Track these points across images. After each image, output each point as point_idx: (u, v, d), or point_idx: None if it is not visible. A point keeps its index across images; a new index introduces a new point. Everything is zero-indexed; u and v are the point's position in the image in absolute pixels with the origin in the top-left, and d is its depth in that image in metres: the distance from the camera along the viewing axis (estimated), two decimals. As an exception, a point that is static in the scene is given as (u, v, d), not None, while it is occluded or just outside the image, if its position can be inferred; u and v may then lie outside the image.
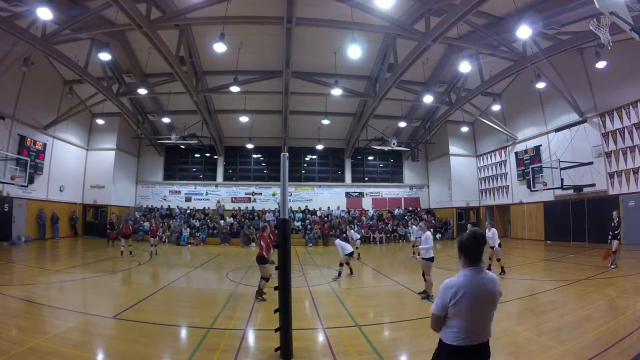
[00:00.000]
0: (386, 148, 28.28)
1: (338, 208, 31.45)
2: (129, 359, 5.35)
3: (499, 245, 12.49)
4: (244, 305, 8.46)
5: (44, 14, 13.77)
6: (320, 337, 6.44)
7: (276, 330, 5.44)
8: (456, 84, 24.11)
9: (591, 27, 9.31)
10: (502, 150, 27.75)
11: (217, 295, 10.06)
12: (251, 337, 6.50)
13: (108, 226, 22.73)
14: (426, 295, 8.96)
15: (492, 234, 12.34)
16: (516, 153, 26.22)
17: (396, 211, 31.66)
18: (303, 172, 33.47)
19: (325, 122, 26.78)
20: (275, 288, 5.59)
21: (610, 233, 12.94)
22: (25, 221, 21.58)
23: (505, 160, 27.49)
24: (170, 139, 26.97)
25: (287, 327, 5.40)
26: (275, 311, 5.51)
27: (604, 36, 9.06)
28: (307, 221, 28.73)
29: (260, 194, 32.53)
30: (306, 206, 31.58)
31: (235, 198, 32.31)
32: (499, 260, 12.35)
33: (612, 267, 12.37)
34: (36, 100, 22.03)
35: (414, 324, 7.06)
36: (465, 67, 19.31)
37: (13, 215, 20.70)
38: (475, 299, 2.78)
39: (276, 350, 5.36)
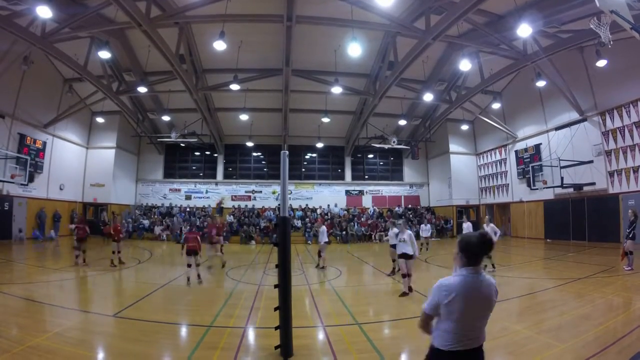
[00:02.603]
0: (386, 146, 28.28)
1: (336, 205, 31.51)
2: (129, 357, 5.35)
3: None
4: (244, 304, 8.47)
5: (44, 12, 13.80)
6: (320, 335, 6.45)
7: (276, 328, 5.45)
8: (456, 82, 24.09)
9: (592, 26, 9.30)
10: (502, 149, 27.74)
11: (217, 293, 10.08)
12: (251, 335, 6.51)
13: (100, 224, 22.64)
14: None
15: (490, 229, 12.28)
16: (516, 151, 26.22)
17: (396, 209, 31.66)
18: (303, 170, 33.46)
19: (325, 120, 26.75)
20: (276, 286, 5.59)
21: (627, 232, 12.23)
22: (26, 220, 21.58)
23: (505, 158, 27.49)
24: (170, 137, 26.94)
25: (287, 325, 5.40)
26: (276, 309, 5.51)
27: (604, 35, 9.05)
28: (307, 219, 28.77)
29: (261, 192, 32.55)
30: (306, 204, 31.60)
31: (235, 196, 32.31)
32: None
33: (628, 268, 11.72)
34: (36, 99, 22.02)
35: (414, 322, 7.05)
36: (465, 65, 19.33)
37: (13, 214, 20.71)
38: (470, 301, 2.63)
39: (276, 348, 5.37)
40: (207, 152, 32.86)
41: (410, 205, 32.93)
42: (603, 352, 5.15)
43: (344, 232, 27.01)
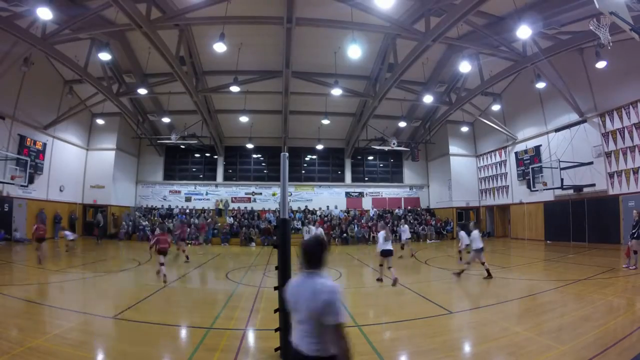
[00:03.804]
0: (386, 148, 28.27)
1: (336, 207, 31.49)
2: (129, 358, 5.34)
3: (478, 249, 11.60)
4: (244, 305, 8.46)
5: (44, 14, 13.79)
6: (321, 337, 6.42)
7: (276, 330, 5.43)
8: (456, 84, 24.12)
9: (591, 27, 9.31)
10: (502, 150, 27.76)
11: (217, 295, 10.07)
12: (251, 337, 6.50)
13: (95, 225, 22.65)
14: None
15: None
16: (516, 153, 26.23)
17: (396, 211, 31.66)
18: (303, 172, 33.53)
19: (325, 122, 26.77)
20: (276, 288, 5.58)
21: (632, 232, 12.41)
22: (26, 221, 21.57)
23: (505, 160, 27.51)
24: (170, 139, 26.93)
25: (287, 327, 5.39)
26: (275, 311, 5.50)
27: (604, 36, 9.06)
28: (307, 221, 28.74)
29: (260, 193, 32.58)
30: (306, 206, 31.60)
31: (235, 198, 32.33)
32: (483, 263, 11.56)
33: (632, 267, 11.98)
34: (36, 100, 22.05)
35: (414, 323, 7.05)
36: (465, 67, 19.34)
37: (13, 215, 20.70)
38: (294, 302, 2.79)
39: (276, 350, 5.35)
40: (207, 154, 32.85)
41: (410, 207, 32.93)
42: (603, 354, 5.13)
43: (344, 235, 27.03)
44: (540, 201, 23.84)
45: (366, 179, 34.32)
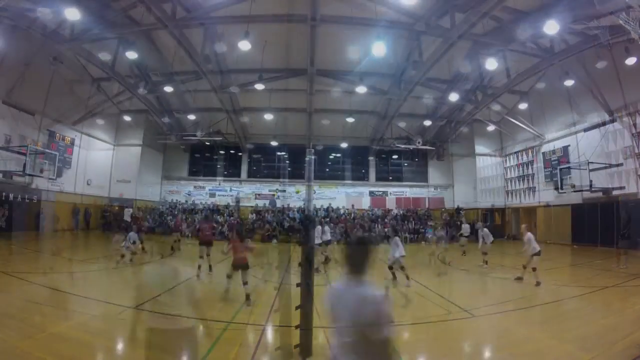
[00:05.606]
0: (411, 147, 28.02)
1: (353, 207, 31.39)
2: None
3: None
4: (264, 301, 8.51)
5: (72, 14, 14.19)
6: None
7: (296, 327, 5.43)
8: (482, 82, 23.65)
9: (621, 22, 9.04)
10: (529, 151, 27.13)
11: (238, 290, 10.12)
12: (270, 332, 6.53)
13: (132, 221, 22.94)
14: None
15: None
16: (543, 153, 25.59)
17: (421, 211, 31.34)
18: (327, 170, 33.48)
19: (350, 120, 26.65)
20: (298, 284, 5.57)
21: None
22: (54, 213, 22.27)
23: (532, 160, 26.90)
24: (196, 135, 27.28)
25: (308, 324, 5.37)
26: (296, 308, 5.49)
27: (634, 30, 8.79)
28: (329, 219, 28.69)
29: (284, 191, 32.66)
30: (329, 204, 31.53)
31: (258, 195, 32.52)
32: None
33: (623, 267, 12.56)
34: (65, 97, 22.65)
35: (430, 326, 6.97)
36: (491, 64, 18.97)
37: (41, 207, 21.34)
38: (338, 312, 2.46)
39: (295, 347, 5.35)
40: (232, 151, 33.18)
41: (434, 207, 32.53)
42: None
43: (366, 234, 26.94)
44: (567, 203, 23.15)
45: (390, 178, 34.09)
